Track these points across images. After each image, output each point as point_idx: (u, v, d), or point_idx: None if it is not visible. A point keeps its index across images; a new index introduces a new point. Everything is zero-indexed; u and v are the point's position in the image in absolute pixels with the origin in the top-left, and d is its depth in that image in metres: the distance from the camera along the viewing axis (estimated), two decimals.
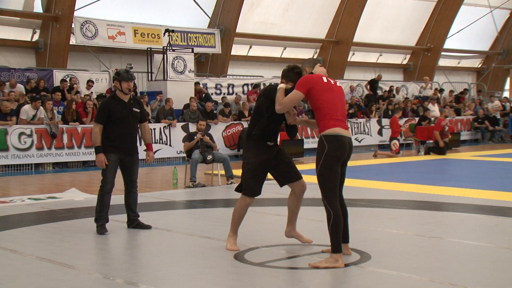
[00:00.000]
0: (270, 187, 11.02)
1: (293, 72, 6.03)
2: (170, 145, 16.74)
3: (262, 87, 21.02)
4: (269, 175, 6.20)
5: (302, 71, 6.00)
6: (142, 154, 7.68)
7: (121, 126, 7.16)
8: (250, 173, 6.02)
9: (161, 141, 16.59)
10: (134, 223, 7.36)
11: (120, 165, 7.28)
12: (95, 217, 7.16)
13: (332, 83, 5.73)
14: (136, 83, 19.54)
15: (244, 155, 6.13)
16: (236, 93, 20.91)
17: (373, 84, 24.10)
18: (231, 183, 11.45)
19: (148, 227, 7.34)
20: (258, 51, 25.00)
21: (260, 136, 6.06)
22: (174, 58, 18.28)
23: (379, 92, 24.32)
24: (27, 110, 14.73)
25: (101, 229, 7.06)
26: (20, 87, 16.15)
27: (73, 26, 18.68)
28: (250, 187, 6.05)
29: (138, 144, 7.52)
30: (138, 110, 7.38)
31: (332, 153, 5.49)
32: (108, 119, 7.10)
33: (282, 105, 5.73)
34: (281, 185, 6.30)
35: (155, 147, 16.46)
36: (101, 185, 7.21)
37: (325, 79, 5.68)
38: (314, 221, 7.52)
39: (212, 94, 20.34)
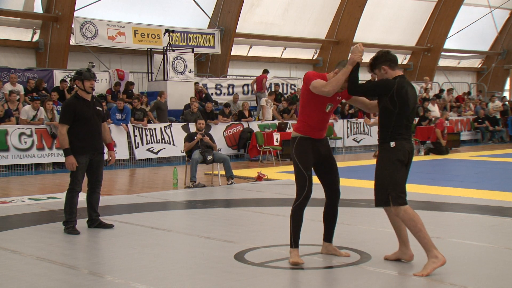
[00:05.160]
0: (270, 187, 11.04)
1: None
2: (173, 144, 16.74)
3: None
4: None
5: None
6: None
7: (88, 125, 7.14)
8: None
9: (163, 141, 16.59)
10: (95, 223, 7.37)
11: (87, 165, 7.27)
12: (66, 219, 7.14)
13: None
14: (136, 83, 19.58)
15: None
16: (236, 93, 20.89)
17: None
18: (231, 183, 11.46)
19: (110, 226, 7.36)
20: (258, 51, 25.00)
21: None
22: (174, 59, 18.29)
23: None
24: (27, 110, 14.72)
25: (73, 230, 7.07)
26: (20, 87, 16.13)
27: (73, 26, 18.67)
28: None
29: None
30: (101, 109, 7.43)
31: None
32: (74, 119, 7.08)
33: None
34: None
35: (158, 146, 16.48)
36: (71, 187, 7.19)
37: None
38: (313, 221, 7.53)
39: (212, 94, 20.33)
